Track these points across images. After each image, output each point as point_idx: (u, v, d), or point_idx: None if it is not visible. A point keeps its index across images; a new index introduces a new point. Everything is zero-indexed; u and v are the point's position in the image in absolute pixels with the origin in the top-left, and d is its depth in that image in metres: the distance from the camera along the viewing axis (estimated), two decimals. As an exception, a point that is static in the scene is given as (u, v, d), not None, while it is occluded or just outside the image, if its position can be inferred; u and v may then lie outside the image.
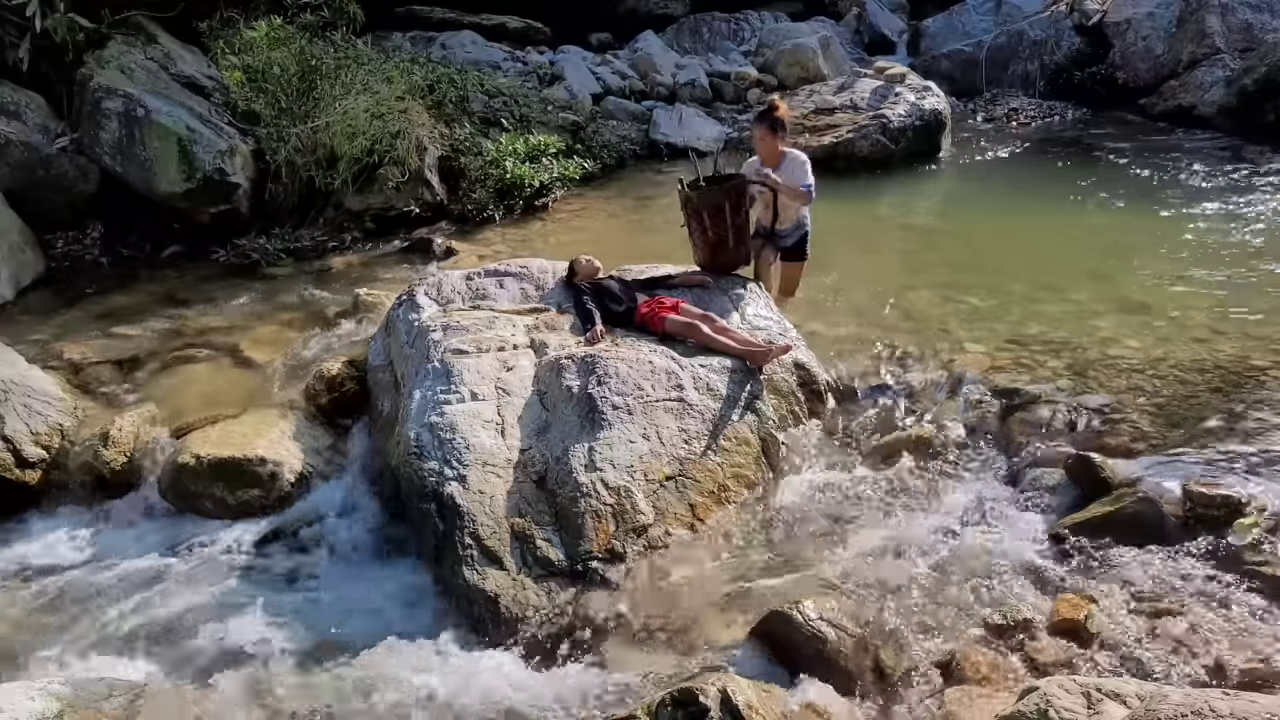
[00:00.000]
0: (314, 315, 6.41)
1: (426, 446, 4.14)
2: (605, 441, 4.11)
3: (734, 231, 5.19)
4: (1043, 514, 3.95)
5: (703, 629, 3.50)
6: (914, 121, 9.59)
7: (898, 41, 14.10)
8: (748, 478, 4.26)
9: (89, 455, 4.72)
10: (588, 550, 3.77)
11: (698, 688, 2.84)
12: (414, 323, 5.05)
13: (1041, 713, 2.45)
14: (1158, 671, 3.07)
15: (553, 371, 4.49)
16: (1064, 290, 5.89)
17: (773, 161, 5.33)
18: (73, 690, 3.12)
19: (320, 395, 5.11)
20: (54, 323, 6.42)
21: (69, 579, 4.16)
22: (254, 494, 4.50)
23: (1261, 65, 9.97)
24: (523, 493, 3.97)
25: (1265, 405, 4.35)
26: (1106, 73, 11.66)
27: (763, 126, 5.27)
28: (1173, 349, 4.96)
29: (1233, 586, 3.38)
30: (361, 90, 8.08)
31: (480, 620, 3.63)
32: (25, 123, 7.53)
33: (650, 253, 6.30)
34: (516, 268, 5.55)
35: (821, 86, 10.70)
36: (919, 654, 3.29)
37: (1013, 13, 12.85)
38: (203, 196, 7.61)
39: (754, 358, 4.63)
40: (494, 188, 8.40)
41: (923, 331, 5.40)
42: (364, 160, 7.97)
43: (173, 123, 7.48)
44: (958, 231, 7.57)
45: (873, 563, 3.76)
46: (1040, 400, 4.60)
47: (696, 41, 13.77)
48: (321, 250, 7.76)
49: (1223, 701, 2.25)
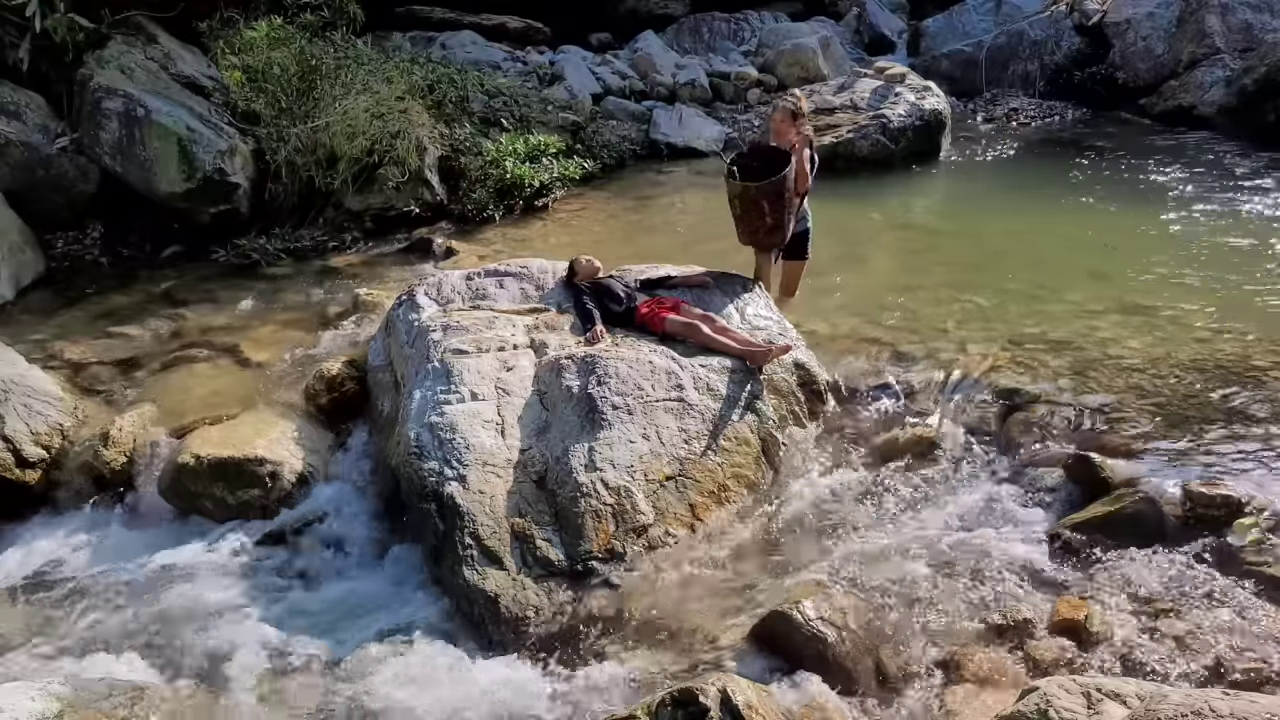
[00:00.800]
0: (314, 315, 6.41)
1: (426, 446, 4.14)
2: (605, 441, 4.11)
3: (789, 212, 5.29)
4: (1043, 514, 3.95)
5: (703, 629, 3.50)
6: (914, 121, 9.58)
7: (898, 41, 14.09)
8: (748, 478, 4.26)
9: (89, 455, 4.72)
10: (588, 550, 3.77)
11: (698, 688, 2.85)
12: (414, 323, 5.05)
13: (1041, 713, 2.45)
14: (1158, 671, 3.07)
15: (553, 371, 4.49)
16: (1064, 290, 5.89)
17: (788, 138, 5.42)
18: (73, 690, 3.12)
19: (320, 395, 5.11)
20: (54, 323, 6.42)
21: (69, 579, 4.16)
22: (254, 494, 4.49)
23: (1261, 65, 9.96)
24: (523, 493, 3.97)
25: (1265, 405, 4.36)
26: (1106, 73, 11.66)
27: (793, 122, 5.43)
28: (1173, 349, 4.96)
29: (1233, 586, 3.38)
30: (361, 90, 8.08)
31: (480, 620, 3.63)
32: (25, 123, 7.53)
33: (650, 253, 6.30)
34: (516, 268, 5.55)
35: (821, 86, 10.70)
36: (919, 654, 3.29)
37: (1013, 13, 12.84)
38: (203, 196, 7.61)
39: (754, 358, 4.63)
40: (494, 188, 8.40)
41: (923, 331, 5.40)
42: (364, 160, 7.97)
43: (173, 123, 7.48)
44: (958, 231, 7.57)
45: (873, 563, 3.76)
46: (1040, 400, 4.60)
47: (696, 41, 13.77)
48: (321, 250, 7.76)
49: (1223, 701, 2.25)
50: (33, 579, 4.18)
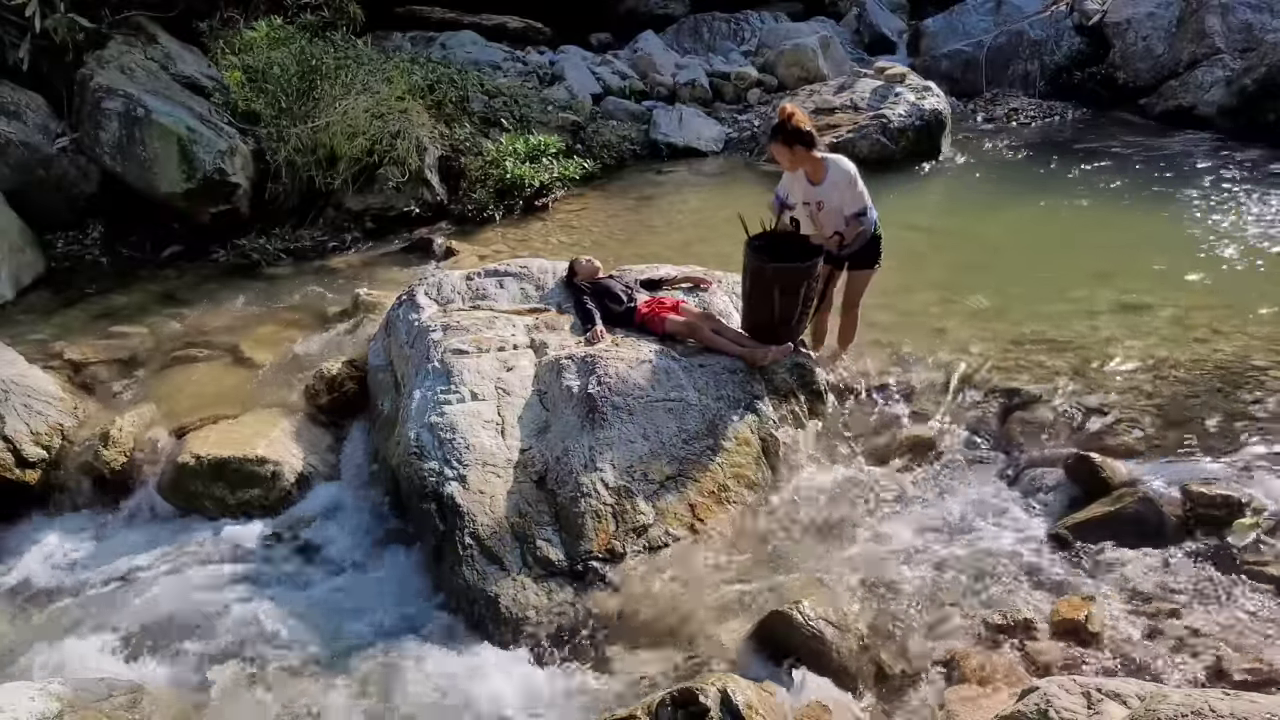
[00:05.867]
0: (314, 315, 6.41)
1: (427, 446, 4.14)
2: (605, 441, 4.11)
3: (802, 311, 4.59)
4: (1043, 514, 3.95)
5: (703, 629, 3.50)
6: (914, 121, 9.57)
7: (898, 41, 14.07)
8: (748, 478, 4.25)
9: (89, 455, 4.72)
10: (588, 550, 3.77)
11: (698, 688, 2.85)
12: (414, 323, 5.05)
13: (1041, 713, 2.45)
14: (1158, 671, 3.07)
15: (553, 371, 4.49)
16: (1064, 290, 5.89)
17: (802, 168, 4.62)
18: (73, 690, 3.12)
19: (320, 395, 5.11)
20: (54, 323, 6.42)
21: (69, 579, 4.16)
22: (254, 494, 4.50)
23: (1261, 65, 9.96)
24: (523, 493, 3.97)
25: (1265, 405, 4.36)
26: (1106, 73, 11.64)
27: (775, 143, 4.55)
28: (1173, 349, 4.96)
29: (1233, 586, 3.38)
30: (361, 90, 8.08)
31: (480, 620, 3.63)
32: (25, 123, 7.53)
33: (650, 253, 6.31)
34: (516, 268, 5.55)
35: (821, 86, 10.69)
36: (919, 654, 3.29)
37: (1013, 13, 12.82)
38: (203, 196, 7.60)
39: (754, 358, 4.63)
40: (494, 188, 8.39)
41: (923, 331, 5.40)
42: (364, 160, 7.97)
43: (173, 123, 7.48)
44: (958, 231, 7.57)
45: (873, 563, 3.76)
46: (1040, 400, 4.60)
47: (696, 41, 13.76)
48: (321, 250, 7.75)
49: (1223, 701, 2.24)
50: (33, 579, 4.17)
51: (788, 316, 4.56)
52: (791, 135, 4.47)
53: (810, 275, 4.46)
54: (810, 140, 4.52)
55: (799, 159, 4.54)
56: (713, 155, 10.04)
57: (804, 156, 4.53)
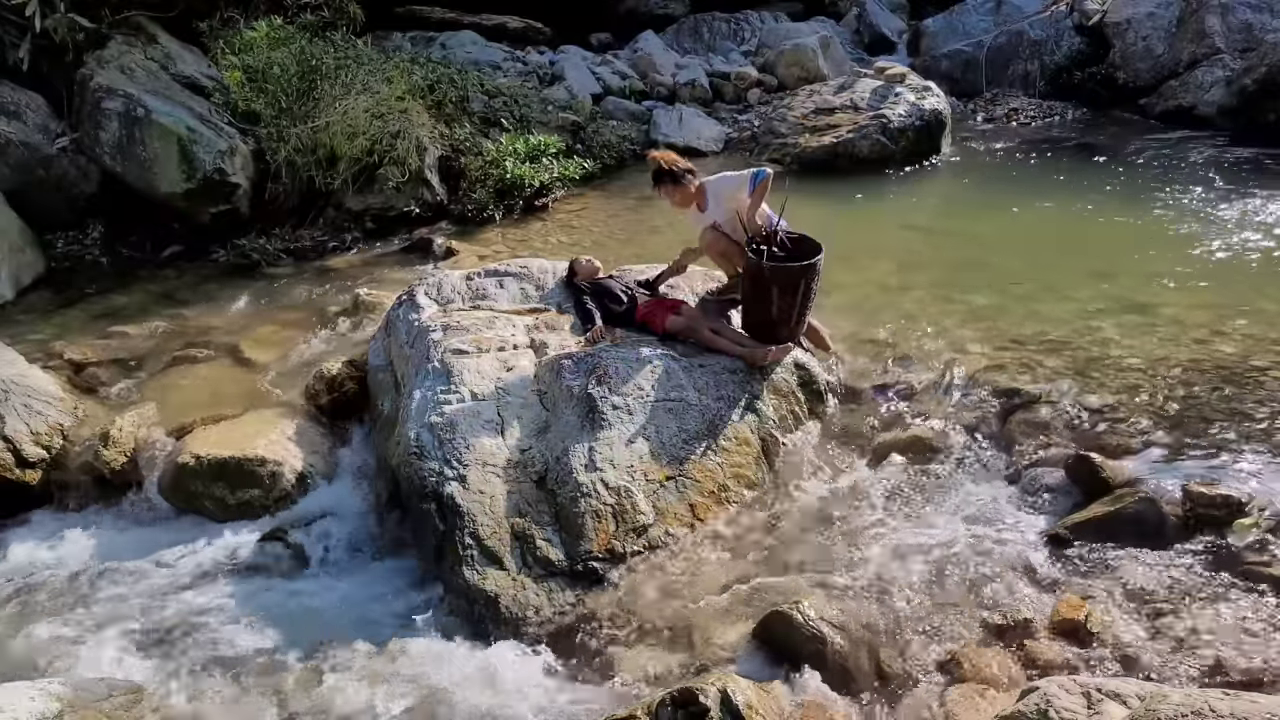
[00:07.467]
0: (314, 315, 6.41)
1: (427, 446, 4.14)
2: (605, 441, 4.11)
3: (801, 311, 4.68)
4: (1043, 514, 3.95)
5: (703, 629, 3.50)
6: (914, 121, 9.58)
7: (898, 41, 14.07)
8: (748, 478, 4.26)
9: (89, 455, 4.73)
10: (588, 550, 3.77)
11: (698, 688, 2.85)
12: (414, 323, 5.05)
13: (1041, 713, 2.45)
14: (1158, 671, 3.07)
15: (553, 371, 4.49)
16: (1064, 290, 5.88)
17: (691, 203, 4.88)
18: (73, 690, 3.13)
19: (320, 395, 5.11)
20: (54, 323, 6.42)
21: (69, 579, 4.15)
22: (254, 494, 4.50)
23: (1261, 65, 9.95)
24: (523, 493, 3.98)
25: (1265, 405, 4.35)
26: (1106, 73, 11.64)
27: (663, 187, 4.83)
28: (1173, 349, 4.95)
29: (1233, 586, 3.38)
30: (361, 90, 8.07)
31: (480, 620, 3.63)
32: (25, 123, 7.54)
33: (650, 253, 6.29)
34: (516, 268, 5.55)
35: (821, 86, 10.69)
36: (919, 654, 3.29)
37: (1013, 13, 12.82)
38: (203, 196, 7.61)
39: (754, 358, 4.63)
40: (494, 188, 8.39)
41: (923, 331, 5.40)
42: (364, 160, 7.97)
43: (173, 123, 7.48)
44: (958, 231, 7.56)
45: (873, 563, 3.76)
46: (1040, 400, 4.60)
47: (696, 41, 13.76)
48: (321, 250, 7.75)
49: (1223, 701, 2.25)
50: (32, 579, 4.17)
51: (787, 316, 4.63)
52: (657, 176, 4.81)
53: (808, 274, 4.54)
54: (675, 177, 4.78)
55: (684, 196, 4.83)
56: (713, 155, 10.03)
57: (681, 192, 4.81)
